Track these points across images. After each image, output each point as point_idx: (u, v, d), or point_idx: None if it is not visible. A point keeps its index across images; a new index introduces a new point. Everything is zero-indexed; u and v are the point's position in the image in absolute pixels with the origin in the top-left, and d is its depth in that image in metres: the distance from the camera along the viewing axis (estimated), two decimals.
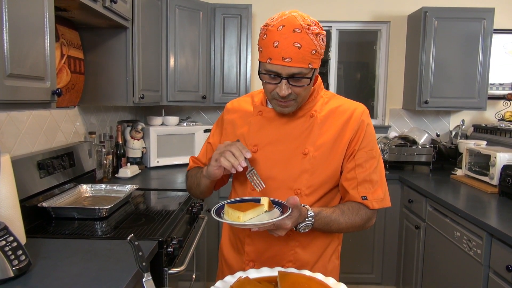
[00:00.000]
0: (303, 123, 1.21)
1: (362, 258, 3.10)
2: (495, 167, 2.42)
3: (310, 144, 1.19)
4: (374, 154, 1.22)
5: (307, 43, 1.07)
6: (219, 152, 1.14)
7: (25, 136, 1.82)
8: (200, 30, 3.08)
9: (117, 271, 1.20)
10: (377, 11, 3.52)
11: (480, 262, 1.92)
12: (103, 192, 2.10)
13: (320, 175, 1.19)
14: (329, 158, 1.19)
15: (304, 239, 1.22)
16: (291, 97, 1.14)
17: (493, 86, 3.46)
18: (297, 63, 1.07)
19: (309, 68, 1.10)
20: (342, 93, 3.80)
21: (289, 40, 1.06)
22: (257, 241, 1.24)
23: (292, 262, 1.22)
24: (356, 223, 1.19)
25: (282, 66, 1.08)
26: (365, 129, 1.21)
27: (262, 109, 1.26)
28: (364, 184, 1.19)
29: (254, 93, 1.35)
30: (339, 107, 1.23)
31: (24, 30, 1.16)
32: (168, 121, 3.16)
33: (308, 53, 1.08)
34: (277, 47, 1.07)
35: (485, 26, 3.11)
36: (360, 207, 1.20)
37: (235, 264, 1.30)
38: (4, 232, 1.15)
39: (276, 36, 1.07)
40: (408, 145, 3.17)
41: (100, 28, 2.18)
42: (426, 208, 2.56)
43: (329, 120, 1.21)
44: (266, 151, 1.22)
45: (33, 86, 1.22)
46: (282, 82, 1.10)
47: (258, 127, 1.24)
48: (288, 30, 1.06)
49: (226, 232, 1.38)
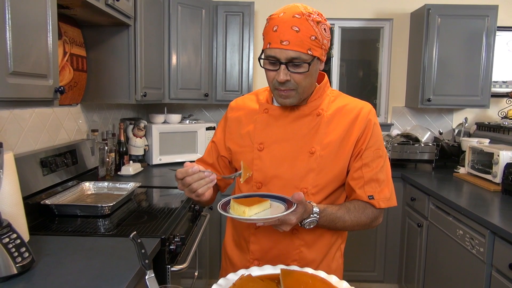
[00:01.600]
0: (310, 121, 1.20)
1: (364, 256, 3.10)
2: (498, 165, 2.41)
3: (317, 143, 1.18)
4: (381, 153, 1.21)
5: (306, 28, 1.07)
6: (180, 187, 1.13)
7: (28, 133, 1.82)
8: (202, 27, 3.08)
9: (120, 268, 1.20)
10: (379, 8, 3.51)
11: (483, 260, 1.91)
12: (106, 189, 2.10)
13: (326, 174, 1.19)
14: (336, 157, 1.19)
15: (309, 238, 1.22)
16: (290, 85, 1.12)
17: (496, 84, 3.44)
18: (295, 46, 1.07)
19: (308, 54, 1.09)
20: (345, 90, 3.76)
21: (287, 24, 1.07)
22: (262, 240, 1.23)
23: (297, 261, 1.22)
24: (362, 221, 1.19)
25: (280, 50, 1.08)
26: (372, 128, 1.20)
27: (268, 106, 1.25)
28: (370, 184, 1.19)
29: (259, 91, 1.35)
30: (346, 106, 1.23)
31: (26, 28, 1.16)
32: (170, 119, 3.16)
33: (307, 37, 1.07)
34: (276, 31, 1.08)
35: (489, 24, 3.10)
36: (366, 206, 1.20)
37: (239, 262, 1.30)
38: (7, 229, 1.15)
39: (276, 21, 1.09)
40: (410, 143, 3.16)
41: (103, 26, 2.18)
42: (428, 206, 2.56)
43: (336, 119, 1.20)
44: (272, 150, 1.21)
45: (36, 83, 1.23)
46: (280, 68, 1.10)
47: (264, 125, 1.24)
48: (288, 15, 1.08)
49: (230, 230, 1.37)
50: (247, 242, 1.26)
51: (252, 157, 1.22)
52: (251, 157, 1.22)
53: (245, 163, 1.18)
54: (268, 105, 1.26)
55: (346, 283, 1.03)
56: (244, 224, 1.26)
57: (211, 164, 1.36)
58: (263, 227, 1.21)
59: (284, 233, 1.19)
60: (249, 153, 1.23)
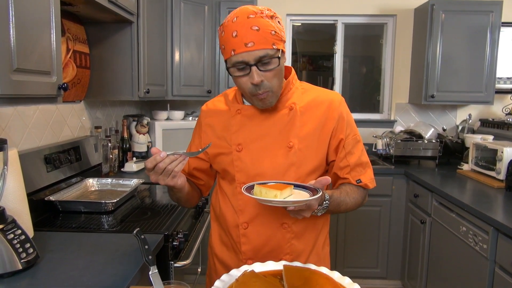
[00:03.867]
0: (284, 116, 1.21)
1: (367, 253, 3.10)
2: (502, 161, 2.40)
3: (294, 137, 1.19)
4: (358, 138, 1.26)
5: (264, 25, 1.08)
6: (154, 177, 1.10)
7: (32, 130, 1.83)
8: (205, 24, 3.07)
9: (124, 264, 1.21)
10: (383, 4, 3.49)
11: (486, 257, 1.91)
12: (109, 186, 2.11)
13: (307, 166, 1.20)
14: (314, 149, 1.21)
15: (298, 229, 1.23)
16: (265, 86, 1.12)
17: (500, 80, 3.42)
18: (260, 45, 1.07)
19: (274, 49, 1.09)
20: (348, 87, 3.79)
21: (245, 26, 1.07)
22: (253, 240, 1.23)
23: (289, 254, 1.23)
24: (358, 201, 1.25)
25: (246, 53, 1.07)
26: (345, 118, 1.24)
27: (240, 107, 1.25)
28: (356, 168, 1.24)
29: (227, 92, 1.34)
30: (317, 98, 1.24)
31: (30, 25, 1.16)
32: (173, 115, 3.17)
33: (268, 34, 1.08)
34: (236, 36, 1.07)
35: (493, 19, 3.07)
36: (357, 187, 1.25)
37: (231, 263, 1.29)
38: (12, 225, 1.16)
39: (233, 27, 1.09)
40: (414, 140, 3.15)
41: (106, 23, 2.19)
42: (431, 203, 2.55)
43: (309, 111, 1.22)
44: (251, 149, 1.21)
45: (40, 80, 1.23)
46: (252, 70, 1.09)
47: (239, 126, 1.23)
48: (242, 18, 1.08)
49: (216, 231, 1.36)
50: (237, 243, 1.26)
51: (231, 159, 1.22)
52: (230, 159, 1.23)
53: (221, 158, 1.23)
54: (240, 105, 1.26)
55: (348, 278, 1.03)
56: (232, 225, 1.25)
57: (188, 173, 1.35)
58: (254, 225, 1.22)
59: (275, 229, 1.21)
60: (228, 155, 1.23)
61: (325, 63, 4.03)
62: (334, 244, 3.04)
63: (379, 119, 3.66)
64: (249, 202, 1.21)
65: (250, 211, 1.22)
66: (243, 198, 1.21)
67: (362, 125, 3.53)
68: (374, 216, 3.04)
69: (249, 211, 1.22)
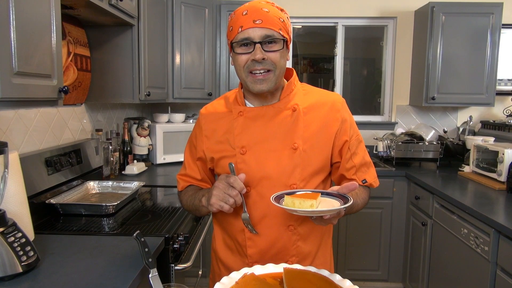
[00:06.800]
0: (287, 117, 1.21)
1: (368, 255, 3.09)
2: (503, 163, 2.40)
3: (298, 138, 1.19)
4: (360, 138, 1.29)
5: (274, 11, 1.13)
6: (220, 197, 1.12)
7: (33, 133, 1.84)
8: (205, 27, 3.08)
9: (124, 267, 1.21)
10: (383, 6, 3.50)
11: (488, 259, 1.90)
12: (110, 189, 2.11)
13: (311, 167, 1.20)
14: (318, 150, 1.21)
15: (304, 231, 1.23)
16: (267, 65, 1.12)
17: (501, 82, 3.42)
18: (268, 24, 1.11)
19: (280, 33, 1.12)
20: (349, 89, 3.79)
21: (257, 7, 1.12)
22: (259, 243, 1.22)
23: (295, 256, 1.23)
24: (365, 201, 1.28)
25: (253, 29, 1.10)
26: (348, 120, 1.25)
27: (242, 109, 1.24)
28: (361, 169, 1.26)
29: (227, 95, 1.33)
30: (319, 99, 1.25)
31: (31, 28, 1.17)
32: (174, 118, 3.17)
33: (276, 18, 1.12)
34: (246, 14, 1.12)
35: (494, 21, 3.07)
36: (363, 187, 1.28)
37: (236, 266, 1.27)
38: (12, 228, 1.16)
39: (244, 8, 1.14)
40: (415, 142, 3.15)
41: (106, 26, 2.19)
42: (433, 205, 2.55)
43: (312, 112, 1.22)
44: (255, 151, 1.20)
45: (40, 83, 1.23)
46: (256, 47, 1.11)
47: (242, 128, 1.22)
48: (254, 3, 1.15)
49: (220, 235, 1.34)
50: (242, 246, 1.24)
51: (235, 161, 1.20)
52: (234, 162, 1.21)
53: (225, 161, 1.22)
54: (242, 107, 1.24)
55: (349, 281, 1.03)
56: (237, 229, 1.24)
57: (201, 179, 1.35)
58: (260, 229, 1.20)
59: (281, 232, 1.20)
60: (231, 158, 1.22)
61: (326, 65, 4.04)
62: (335, 247, 3.03)
63: (380, 121, 3.66)
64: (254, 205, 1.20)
65: (256, 215, 1.20)
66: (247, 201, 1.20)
67: (363, 127, 3.53)
68: (375, 218, 3.04)
69: (255, 215, 1.21)
